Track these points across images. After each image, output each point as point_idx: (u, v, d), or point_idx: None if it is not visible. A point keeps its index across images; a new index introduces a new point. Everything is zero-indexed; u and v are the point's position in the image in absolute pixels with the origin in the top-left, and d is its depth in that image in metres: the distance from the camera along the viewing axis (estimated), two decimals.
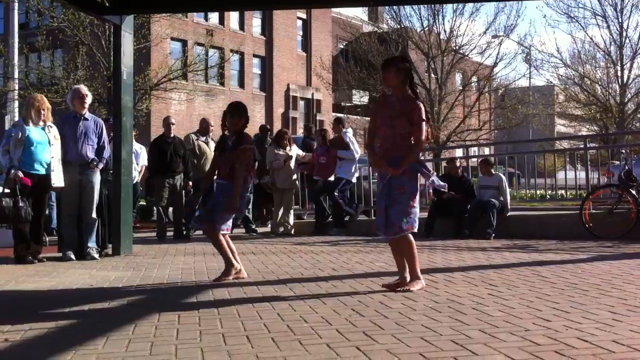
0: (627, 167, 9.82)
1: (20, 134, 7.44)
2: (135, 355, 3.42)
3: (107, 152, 8.19)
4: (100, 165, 8.01)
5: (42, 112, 7.61)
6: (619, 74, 30.63)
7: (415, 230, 5.15)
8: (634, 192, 9.32)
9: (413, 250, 5.20)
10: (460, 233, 10.07)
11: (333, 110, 41.97)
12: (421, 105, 5.21)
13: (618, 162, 12.30)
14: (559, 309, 4.32)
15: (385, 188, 5.16)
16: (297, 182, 11.85)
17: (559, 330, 3.71)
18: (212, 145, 11.58)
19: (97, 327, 4.12)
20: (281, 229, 11.27)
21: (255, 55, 38.94)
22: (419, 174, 5.20)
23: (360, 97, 40.33)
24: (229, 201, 5.82)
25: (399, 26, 30.72)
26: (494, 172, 10.90)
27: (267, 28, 39.54)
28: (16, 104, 19.41)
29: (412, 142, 5.16)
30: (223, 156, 6.00)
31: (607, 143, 26.07)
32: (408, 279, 5.23)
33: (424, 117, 5.12)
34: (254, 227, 11.42)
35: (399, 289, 5.12)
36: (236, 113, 6.00)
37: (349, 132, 11.70)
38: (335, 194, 11.10)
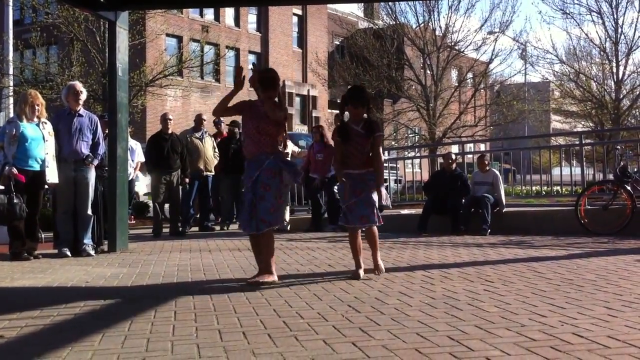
0: (622, 163, 9.83)
1: (14, 130, 7.42)
2: (132, 351, 3.42)
3: (102, 149, 8.18)
4: (95, 162, 7.99)
5: (36, 107, 7.59)
6: (614, 70, 30.63)
7: (278, 226, 5.66)
8: (629, 188, 9.34)
9: (272, 244, 5.60)
10: (455, 229, 10.08)
11: (329, 106, 41.95)
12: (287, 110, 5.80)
13: None
14: (554, 305, 4.33)
15: (253, 185, 5.51)
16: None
17: (554, 326, 3.72)
18: (207, 140, 11.56)
19: (93, 323, 4.11)
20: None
21: (250, 52, 38.92)
22: (283, 173, 5.55)
23: None
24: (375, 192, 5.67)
25: (394, 22, 30.70)
26: (488, 169, 10.90)
27: (262, 24, 39.51)
28: (11, 100, 19.36)
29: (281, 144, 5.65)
30: (352, 144, 5.69)
31: (603, 139, 26.12)
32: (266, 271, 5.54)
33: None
34: None
35: (252, 281, 5.43)
36: (360, 102, 5.72)
37: None
38: (335, 190, 11.04)
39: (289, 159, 5.70)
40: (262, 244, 5.57)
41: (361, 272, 5.75)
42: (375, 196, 5.70)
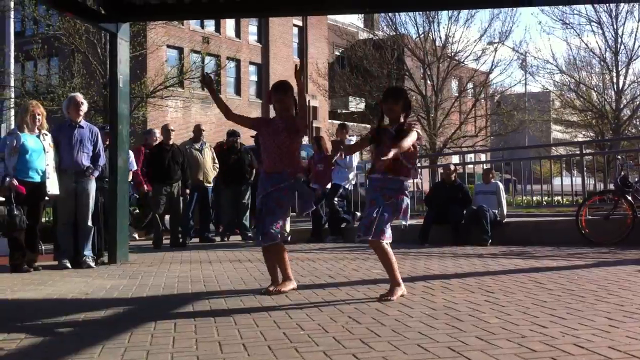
0: (623, 173, 9.83)
1: (14, 141, 7.43)
2: None
3: (103, 160, 8.19)
4: (96, 173, 8.00)
5: (37, 117, 7.60)
6: (615, 80, 30.67)
7: (279, 241, 5.55)
8: (630, 198, 9.33)
9: (285, 256, 5.65)
10: (456, 240, 10.07)
11: (329, 117, 42.03)
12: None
13: None
14: (555, 316, 4.32)
15: (264, 198, 5.55)
16: None
17: (555, 337, 3.71)
18: (207, 151, 11.58)
19: (92, 335, 4.10)
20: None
21: (251, 63, 39.03)
22: (296, 193, 5.67)
23: (356, 104, 40.41)
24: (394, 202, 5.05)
25: (394, 33, 30.79)
26: (493, 181, 10.94)
27: (263, 35, 39.63)
28: (12, 112, 19.40)
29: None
30: (382, 148, 5.10)
31: (603, 149, 26.11)
32: (280, 281, 5.67)
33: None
34: (250, 234, 11.40)
35: (272, 289, 5.53)
36: (391, 96, 5.25)
37: (353, 140, 11.60)
38: (335, 200, 11.07)
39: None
40: (277, 259, 5.66)
41: (398, 290, 5.17)
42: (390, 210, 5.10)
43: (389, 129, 5.21)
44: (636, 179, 11.04)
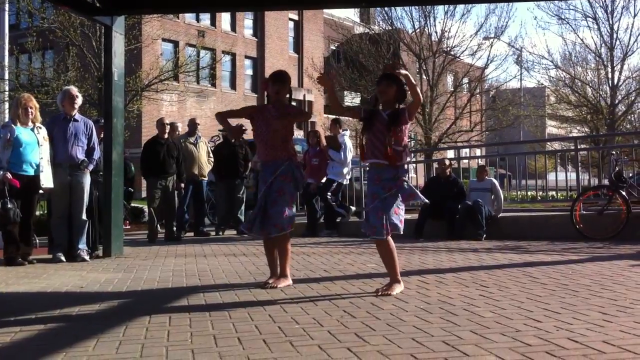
0: (617, 169, 9.86)
1: (8, 134, 7.41)
2: (126, 357, 3.41)
3: (97, 154, 8.17)
4: (90, 167, 7.99)
5: (30, 110, 7.57)
6: (610, 75, 30.69)
7: (290, 230, 5.61)
8: (624, 193, 9.36)
9: (288, 248, 5.67)
10: (451, 234, 10.08)
11: (325, 111, 41.99)
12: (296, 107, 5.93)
13: None
14: (549, 310, 4.33)
15: (266, 190, 5.55)
16: None
17: (549, 331, 3.72)
18: (201, 145, 11.58)
19: (87, 328, 4.10)
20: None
21: (246, 57, 38.95)
22: (297, 180, 5.65)
23: (352, 99, 40.33)
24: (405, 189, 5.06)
25: (390, 27, 30.74)
26: (487, 178, 10.95)
27: (258, 29, 39.55)
28: (6, 105, 19.32)
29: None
30: (373, 130, 5.13)
31: (598, 145, 26.17)
32: (279, 276, 5.66)
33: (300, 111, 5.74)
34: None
35: (270, 286, 5.50)
36: (385, 78, 5.26)
37: (346, 135, 11.55)
38: (328, 195, 11.08)
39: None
40: (279, 249, 5.65)
41: (397, 287, 5.16)
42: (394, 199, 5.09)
43: (382, 112, 5.19)
44: (630, 175, 11.09)
